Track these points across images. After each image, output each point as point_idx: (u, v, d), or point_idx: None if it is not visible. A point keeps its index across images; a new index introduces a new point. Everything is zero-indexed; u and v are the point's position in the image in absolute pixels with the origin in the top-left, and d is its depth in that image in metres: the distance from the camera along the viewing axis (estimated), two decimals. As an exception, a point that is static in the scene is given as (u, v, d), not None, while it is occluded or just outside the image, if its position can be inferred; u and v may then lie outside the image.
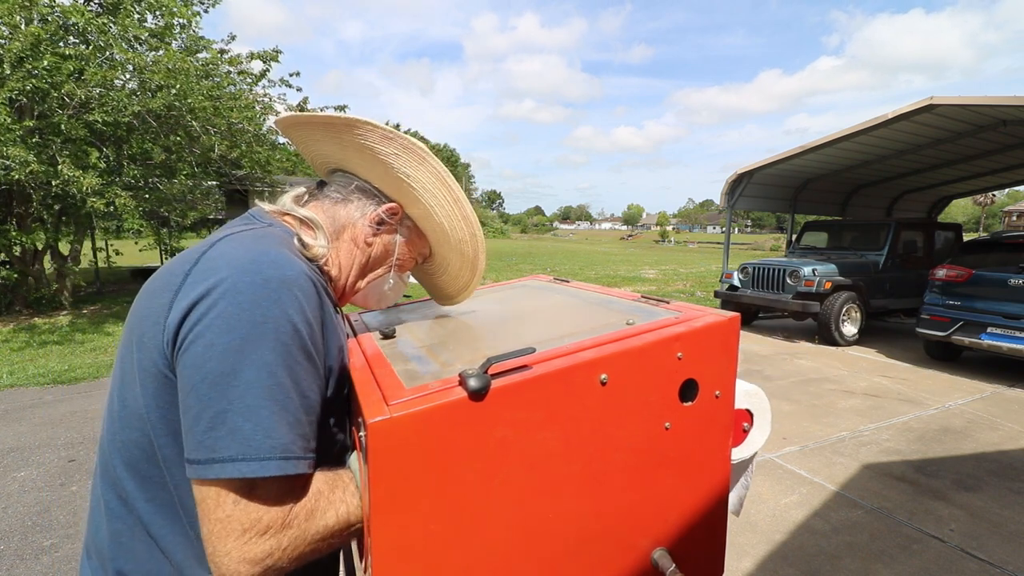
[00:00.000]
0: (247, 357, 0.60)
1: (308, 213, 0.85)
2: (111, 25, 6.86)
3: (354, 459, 0.80)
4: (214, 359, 0.59)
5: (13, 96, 6.15)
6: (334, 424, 0.79)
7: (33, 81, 6.19)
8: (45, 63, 6.23)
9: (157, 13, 7.98)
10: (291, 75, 9.86)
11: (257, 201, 0.91)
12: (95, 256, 11.57)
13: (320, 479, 0.67)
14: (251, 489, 0.59)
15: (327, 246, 0.85)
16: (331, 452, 0.79)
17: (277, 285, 0.64)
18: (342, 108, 10.05)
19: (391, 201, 0.91)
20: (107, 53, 6.77)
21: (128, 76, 7.28)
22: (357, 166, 0.90)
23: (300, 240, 0.81)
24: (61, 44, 6.83)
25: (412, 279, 1.10)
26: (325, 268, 0.85)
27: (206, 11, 8.76)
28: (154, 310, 0.66)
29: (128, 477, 0.69)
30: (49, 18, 6.75)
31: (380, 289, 0.95)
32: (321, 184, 0.94)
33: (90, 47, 6.83)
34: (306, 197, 0.91)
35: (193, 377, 0.60)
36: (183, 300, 0.63)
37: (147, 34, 7.77)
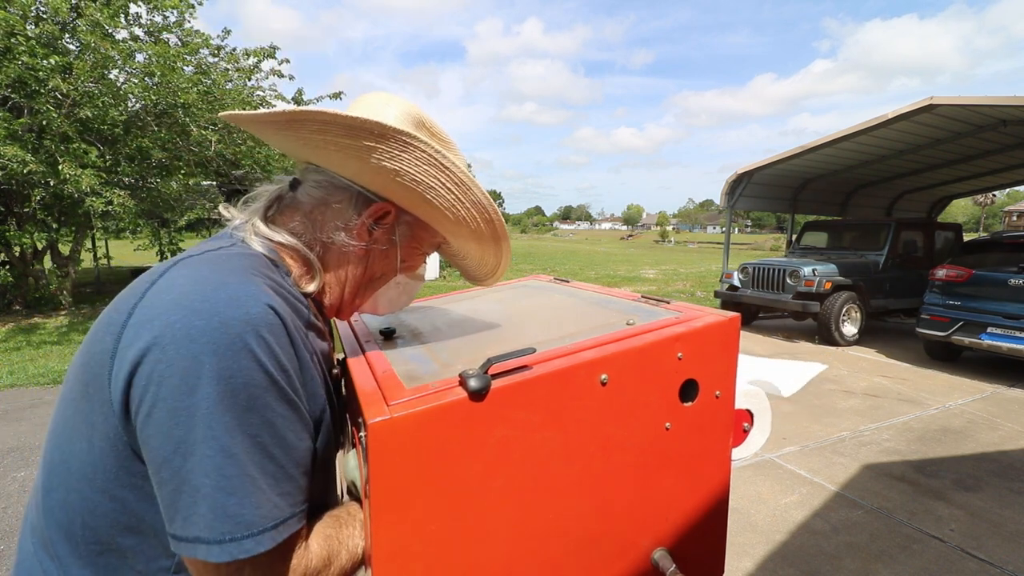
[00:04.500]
0: (218, 421, 0.52)
1: (291, 241, 0.72)
2: (97, 16, 6.80)
3: (351, 457, 0.79)
4: (181, 427, 0.52)
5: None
6: (318, 472, 0.70)
7: (15, 67, 6.12)
8: (23, 52, 6.17)
9: (151, 6, 7.95)
10: (281, 63, 9.29)
11: (224, 209, 0.77)
12: (95, 256, 11.57)
13: (328, 523, 0.67)
14: (250, 562, 0.55)
15: (319, 280, 0.74)
16: (322, 499, 0.74)
17: (239, 328, 0.54)
18: (337, 96, 9.59)
19: (377, 199, 0.75)
20: (93, 46, 6.72)
21: (118, 72, 7.25)
22: (328, 162, 0.74)
23: (286, 270, 0.71)
24: (44, 36, 6.82)
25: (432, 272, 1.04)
26: (317, 296, 0.76)
27: (200, 3, 8.63)
28: (96, 357, 0.57)
29: (62, 540, 0.61)
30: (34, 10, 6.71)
31: (387, 295, 0.84)
32: (295, 183, 0.77)
33: (80, 45, 6.82)
34: (276, 205, 0.77)
35: (163, 448, 0.53)
36: (128, 350, 0.54)
37: (142, 30, 7.76)
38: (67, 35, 7.01)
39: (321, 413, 0.67)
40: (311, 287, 0.73)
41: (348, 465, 0.79)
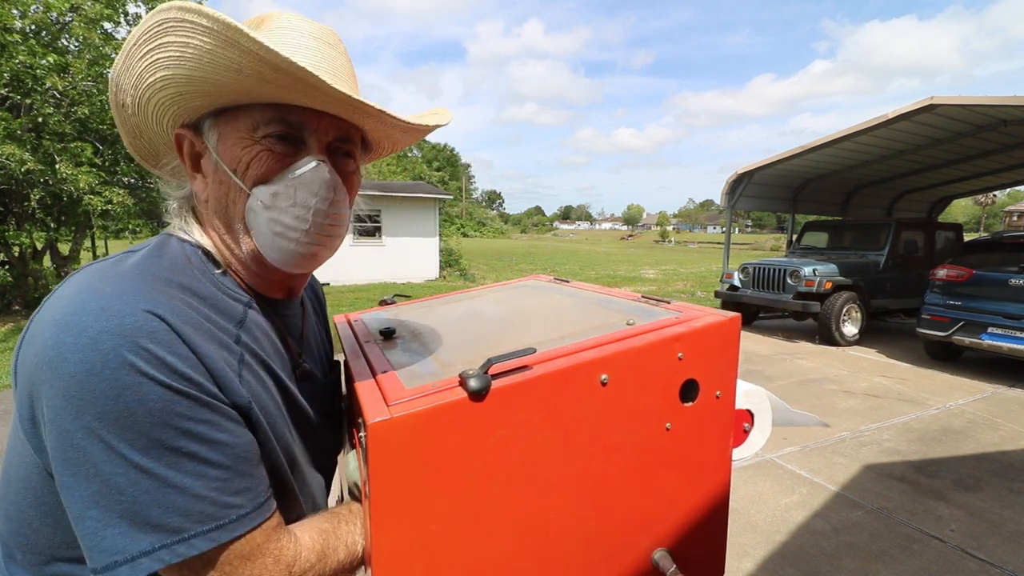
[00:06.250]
0: (119, 440, 0.49)
1: (188, 221, 0.69)
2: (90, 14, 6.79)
3: (352, 458, 0.79)
4: (77, 450, 0.49)
5: None
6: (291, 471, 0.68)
7: (12, 64, 6.14)
8: (21, 51, 6.19)
9: (150, 7, 7.96)
10: None
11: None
12: (95, 256, 11.58)
13: (325, 518, 0.67)
14: (208, 558, 0.53)
15: (221, 259, 0.68)
16: (310, 496, 0.73)
17: (112, 342, 0.49)
18: None
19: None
20: (87, 41, 6.70)
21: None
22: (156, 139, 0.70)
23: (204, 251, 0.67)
24: (44, 35, 6.83)
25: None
26: (227, 269, 0.68)
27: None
28: (12, 367, 0.56)
29: (12, 546, 0.61)
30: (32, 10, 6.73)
31: (261, 223, 0.63)
32: None
33: (78, 45, 6.83)
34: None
35: (63, 473, 0.50)
36: (22, 367, 0.53)
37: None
38: (65, 35, 7.02)
39: (249, 415, 0.60)
40: (220, 270, 0.67)
41: (349, 466, 0.79)
